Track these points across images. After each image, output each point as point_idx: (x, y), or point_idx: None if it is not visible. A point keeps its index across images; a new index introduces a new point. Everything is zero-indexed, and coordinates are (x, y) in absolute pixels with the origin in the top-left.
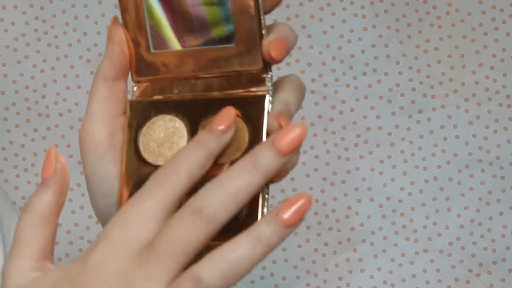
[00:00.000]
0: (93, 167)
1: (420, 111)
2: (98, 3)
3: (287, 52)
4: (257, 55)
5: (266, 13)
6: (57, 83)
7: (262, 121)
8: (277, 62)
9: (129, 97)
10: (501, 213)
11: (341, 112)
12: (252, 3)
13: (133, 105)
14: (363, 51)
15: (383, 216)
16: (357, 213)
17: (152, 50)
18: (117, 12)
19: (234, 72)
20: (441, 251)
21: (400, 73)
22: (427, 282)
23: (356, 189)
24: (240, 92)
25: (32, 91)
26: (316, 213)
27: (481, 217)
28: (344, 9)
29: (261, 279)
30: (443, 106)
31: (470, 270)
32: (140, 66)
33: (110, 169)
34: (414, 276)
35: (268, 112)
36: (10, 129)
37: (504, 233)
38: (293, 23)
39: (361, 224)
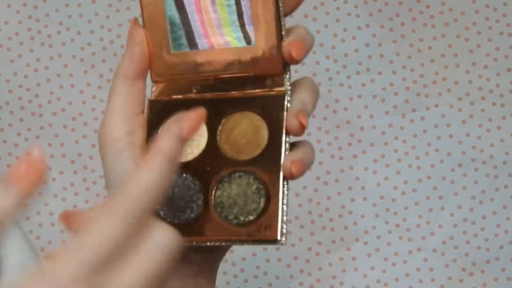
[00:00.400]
0: (112, 163)
1: (414, 110)
2: (91, 2)
3: (306, 52)
4: (276, 56)
5: (285, 14)
6: (51, 82)
7: (282, 119)
8: (297, 62)
9: (148, 96)
10: (494, 212)
11: (334, 111)
12: (272, 5)
13: (152, 104)
14: (356, 50)
15: (377, 215)
16: (350, 212)
17: (172, 51)
18: (111, 11)
19: (254, 72)
20: (434, 250)
21: (394, 72)
22: (421, 281)
23: (350, 188)
24: (259, 91)
25: (25, 90)
26: (309, 212)
27: (475, 216)
28: (338, 8)
29: (254, 278)
30: (436, 105)
31: (463, 269)
32: (159, 66)
33: (129, 165)
34: (407, 275)
35: (287, 110)
36: (3, 128)
37: (498, 232)
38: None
39: (355, 223)
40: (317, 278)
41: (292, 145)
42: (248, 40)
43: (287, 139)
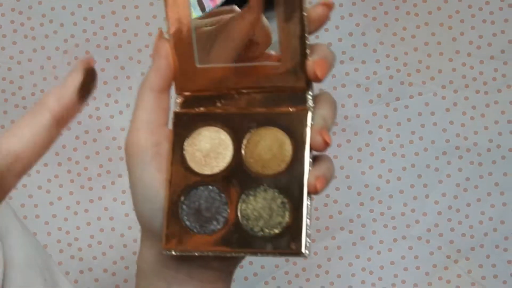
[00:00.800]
0: (139, 173)
1: (398, 99)
2: None
3: (329, 71)
4: (301, 74)
5: (310, 33)
6: (34, 74)
7: (306, 136)
8: (320, 81)
9: (173, 108)
10: (478, 200)
11: None
12: (298, 25)
13: (178, 116)
14: (340, 40)
15: (361, 204)
16: (335, 201)
17: (197, 65)
18: (94, 3)
19: (278, 89)
20: (419, 238)
21: (377, 61)
22: (406, 269)
23: (334, 177)
24: (282, 108)
25: (9, 82)
26: None
27: (459, 203)
28: None
29: (240, 268)
30: (420, 94)
31: (448, 257)
32: (185, 79)
33: (156, 176)
34: (392, 263)
35: (310, 127)
36: None
37: (482, 220)
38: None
39: (339, 212)
40: (302, 267)
41: (314, 159)
42: (273, 57)
43: (311, 154)
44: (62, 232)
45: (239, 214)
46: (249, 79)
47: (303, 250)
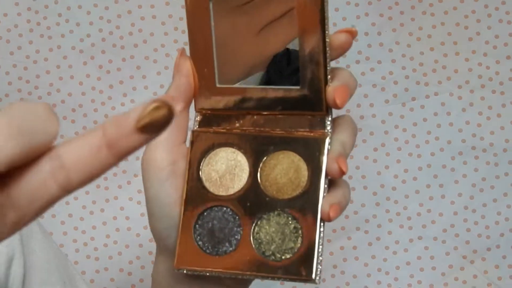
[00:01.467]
0: (155, 191)
1: (414, 99)
2: None
3: (349, 98)
4: (320, 100)
5: (332, 59)
6: (50, 74)
7: (322, 162)
8: (340, 108)
9: (191, 126)
10: (494, 200)
11: None
12: (320, 51)
13: (196, 135)
14: (356, 39)
15: (377, 204)
16: (351, 201)
17: (217, 85)
18: (110, 2)
19: (297, 113)
20: (435, 238)
21: (393, 61)
22: (422, 269)
23: (350, 177)
24: (300, 132)
25: (25, 82)
26: None
27: (475, 204)
28: None
29: None
30: (436, 94)
31: (464, 257)
32: (204, 98)
33: (171, 194)
34: (408, 263)
35: (327, 153)
36: None
37: (498, 220)
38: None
39: (355, 212)
40: None
41: (330, 182)
42: (294, 81)
43: (326, 181)
44: (78, 232)
45: (251, 237)
46: (269, 101)
47: (313, 276)
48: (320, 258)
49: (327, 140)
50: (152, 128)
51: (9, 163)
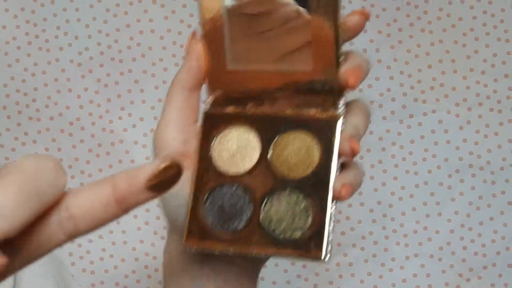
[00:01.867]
0: None
1: (411, 116)
2: (89, 7)
3: (362, 79)
4: (333, 81)
5: (344, 41)
6: (48, 86)
7: (335, 142)
8: (353, 89)
9: (203, 107)
10: (491, 218)
11: None
12: (332, 33)
13: (207, 115)
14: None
15: (374, 221)
16: (347, 218)
17: (228, 67)
18: (109, 16)
19: (309, 94)
20: (431, 256)
21: (391, 78)
22: (417, 287)
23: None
24: (313, 113)
25: (23, 94)
26: None
27: (472, 222)
28: None
29: None
30: (434, 111)
31: (460, 275)
32: (215, 79)
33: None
34: (404, 280)
35: (340, 134)
36: (0, 133)
37: (495, 238)
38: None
39: (352, 229)
40: (314, 283)
41: (343, 165)
42: (305, 62)
43: (339, 161)
44: (74, 245)
45: (261, 215)
46: (280, 83)
47: (323, 255)
48: (331, 237)
49: (340, 121)
50: (161, 187)
51: (19, 230)
